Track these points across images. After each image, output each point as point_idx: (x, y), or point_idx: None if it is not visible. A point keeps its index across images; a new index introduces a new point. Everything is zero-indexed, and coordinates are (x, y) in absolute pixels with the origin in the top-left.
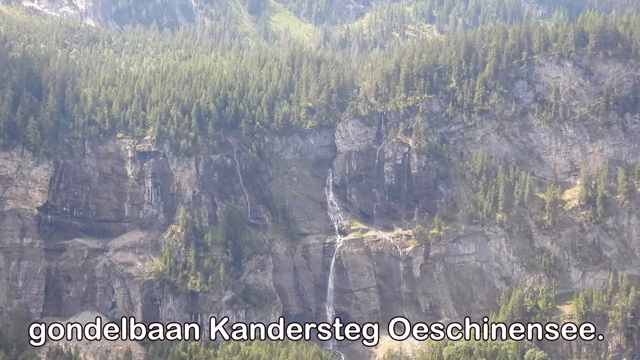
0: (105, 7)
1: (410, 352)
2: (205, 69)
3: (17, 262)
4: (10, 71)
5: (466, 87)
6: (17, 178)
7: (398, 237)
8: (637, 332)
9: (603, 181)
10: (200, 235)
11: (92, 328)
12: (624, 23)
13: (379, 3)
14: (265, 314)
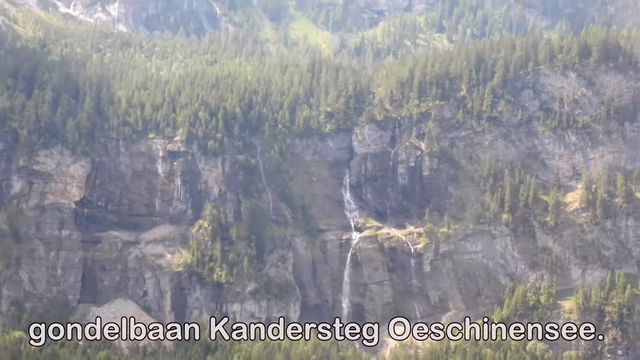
0: (136, 13)
1: (420, 342)
2: (230, 74)
3: (56, 252)
4: (50, 74)
5: (476, 95)
6: (57, 174)
7: (410, 234)
8: (631, 327)
9: (603, 185)
10: (226, 230)
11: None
12: (624, 37)
13: (392, 13)
14: (285, 304)
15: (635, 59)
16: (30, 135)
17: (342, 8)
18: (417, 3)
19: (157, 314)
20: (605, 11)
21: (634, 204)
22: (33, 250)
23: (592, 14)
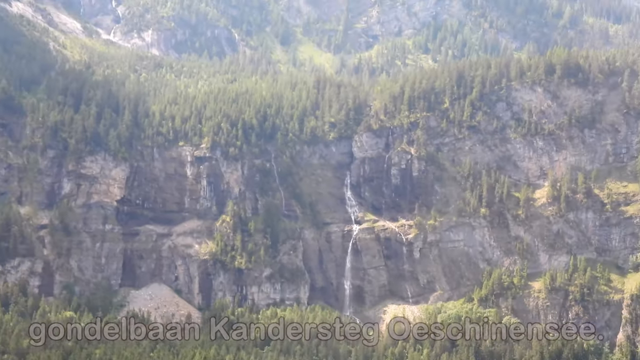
0: (167, 39)
1: (412, 318)
2: (248, 90)
3: (100, 244)
4: (94, 92)
5: (457, 107)
6: (100, 177)
7: (402, 226)
8: (591, 304)
9: (566, 183)
10: (245, 223)
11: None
12: (583, 57)
13: (385, 37)
14: (296, 286)
15: (592, 75)
16: (78, 144)
17: (342, 33)
18: (405, 29)
19: (187, 296)
20: (566, 34)
21: (592, 199)
22: (81, 242)
23: (555, 37)
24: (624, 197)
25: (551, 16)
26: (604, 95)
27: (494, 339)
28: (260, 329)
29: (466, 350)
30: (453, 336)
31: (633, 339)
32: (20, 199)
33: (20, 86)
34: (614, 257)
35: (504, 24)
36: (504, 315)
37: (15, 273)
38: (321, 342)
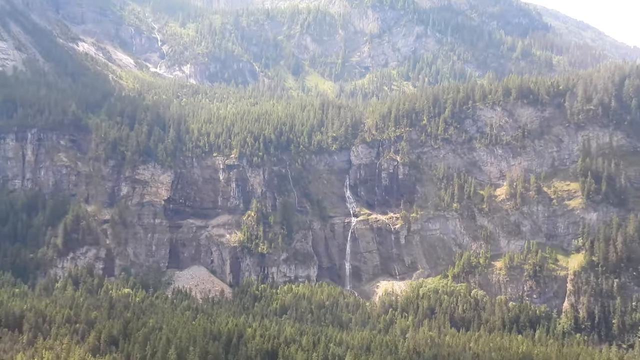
0: (202, 71)
1: (399, 291)
2: (267, 112)
3: (151, 234)
4: (145, 114)
5: (433, 123)
6: (151, 182)
7: (390, 218)
8: (542, 279)
9: (520, 183)
10: (266, 217)
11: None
12: (533, 82)
13: (375, 68)
14: (307, 267)
15: (540, 97)
16: (133, 155)
17: (340, 65)
18: (391, 61)
19: (221, 275)
20: (519, 64)
21: (542, 195)
22: (136, 233)
23: (510, 66)
24: (567, 193)
25: (506, 50)
26: (550, 113)
27: (465, 307)
28: (279, 301)
29: (442, 316)
30: (432, 305)
31: (575, 306)
32: (87, 200)
33: (86, 109)
34: (559, 242)
35: (469, 57)
36: (473, 288)
37: (83, 258)
38: (327, 311)
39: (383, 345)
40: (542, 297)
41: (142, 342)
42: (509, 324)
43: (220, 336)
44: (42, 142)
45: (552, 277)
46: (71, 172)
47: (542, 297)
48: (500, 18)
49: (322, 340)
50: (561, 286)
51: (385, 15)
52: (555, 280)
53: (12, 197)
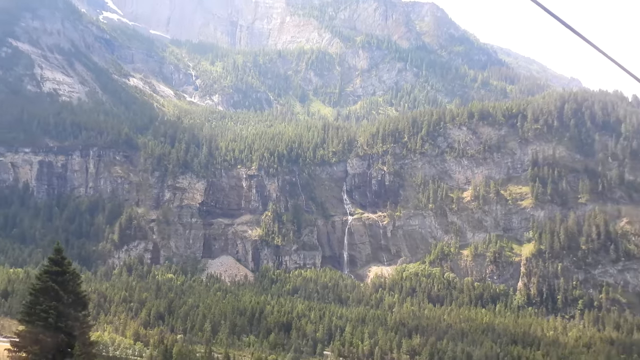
0: (228, 100)
1: (387, 274)
2: (280, 132)
3: (189, 231)
4: (183, 134)
5: (412, 141)
6: (188, 188)
7: (379, 216)
8: (501, 264)
9: (483, 187)
10: (280, 216)
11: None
12: (491, 107)
13: (365, 96)
14: (313, 256)
15: (498, 118)
16: (174, 167)
17: (338, 94)
18: (378, 91)
19: (244, 263)
20: (480, 92)
21: (499, 197)
22: (176, 229)
23: (472, 94)
24: (519, 195)
25: (469, 81)
26: (505, 131)
27: (439, 287)
28: (291, 283)
29: (422, 294)
30: (413, 286)
31: (527, 285)
32: (138, 203)
33: (136, 131)
34: (514, 234)
35: (440, 87)
36: (445, 272)
37: (135, 250)
38: (330, 291)
39: (375, 318)
40: (501, 278)
41: (183, 317)
42: (475, 300)
43: (245, 311)
44: (101, 158)
45: (508, 262)
46: (125, 182)
47: (501, 278)
48: (464, 55)
49: (327, 314)
50: (516, 269)
51: (373, 54)
52: (511, 264)
53: (78, 201)
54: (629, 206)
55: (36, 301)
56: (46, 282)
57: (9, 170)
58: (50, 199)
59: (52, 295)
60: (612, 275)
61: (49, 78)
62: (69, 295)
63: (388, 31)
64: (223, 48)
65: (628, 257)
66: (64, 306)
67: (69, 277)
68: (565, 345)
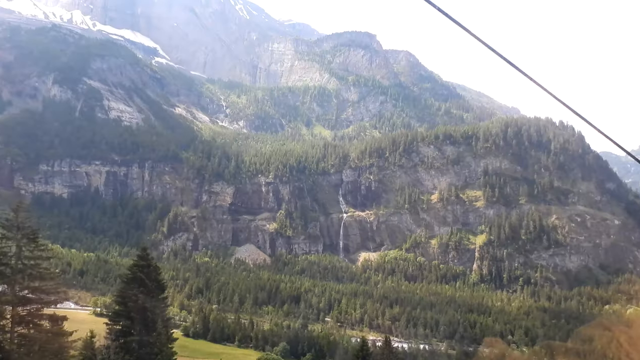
0: (250, 124)
1: (373, 259)
2: (290, 149)
3: (221, 225)
4: (217, 151)
5: (392, 156)
6: (221, 192)
7: (367, 214)
8: (460, 250)
9: (446, 192)
10: (291, 214)
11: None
12: (453, 130)
13: (355, 122)
14: (316, 244)
15: (458, 139)
16: (210, 176)
17: (334, 120)
18: (365, 117)
19: (264, 250)
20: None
21: (459, 199)
22: (212, 224)
23: (437, 120)
24: (474, 197)
25: (435, 110)
26: (464, 149)
27: (413, 268)
28: (299, 265)
29: (399, 274)
30: (393, 267)
31: (481, 267)
32: (182, 204)
33: (180, 148)
34: (471, 227)
35: (413, 114)
36: (417, 257)
37: (180, 240)
38: (329, 271)
39: (364, 292)
40: (460, 261)
41: (217, 291)
42: (440, 278)
43: (264, 287)
44: (154, 169)
45: (466, 249)
46: (172, 187)
47: (460, 261)
48: (431, 90)
49: (327, 289)
50: (472, 254)
51: (361, 89)
52: (468, 251)
53: (136, 202)
54: (557, 206)
55: (128, 287)
56: (135, 273)
57: (83, 178)
58: (115, 200)
59: (139, 283)
60: (545, 259)
61: (114, 108)
62: (152, 283)
63: (373, 72)
64: (246, 85)
65: (557, 245)
66: (148, 291)
67: (152, 269)
68: (510, 313)
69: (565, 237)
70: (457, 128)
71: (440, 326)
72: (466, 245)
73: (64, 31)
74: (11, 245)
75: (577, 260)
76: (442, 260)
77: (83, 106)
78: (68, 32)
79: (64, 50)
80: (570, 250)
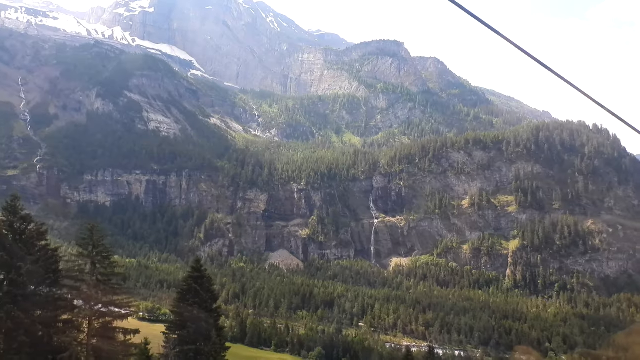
0: (282, 133)
1: (404, 264)
2: (322, 157)
3: (255, 231)
4: (250, 159)
5: (422, 162)
6: (255, 199)
7: (398, 219)
8: (493, 256)
9: (477, 197)
10: (323, 220)
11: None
12: (482, 135)
13: (384, 128)
14: (347, 250)
15: (488, 144)
16: (244, 184)
17: (364, 128)
18: (394, 124)
19: (296, 255)
20: (472, 124)
21: (490, 204)
22: (246, 230)
23: (466, 126)
24: (506, 202)
25: (464, 116)
26: (494, 154)
27: (445, 274)
28: (331, 270)
29: (431, 279)
30: (425, 272)
31: (514, 272)
32: (218, 211)
33: (215, 157)
34: (503, 232)
35: (441, 120)
36: (449, 262)
37: (216, 246)
38: (361, 276)
39: (397, 297)
40: (492, 266)
41: (253, 296)
42: (473, 284)
43: (299, 292)
44: (191, 177)
45: (498, 254)
46: (208, 195)
47: (492, 266)
48: (459, 97)
49: (360, 294)
50: (504, 260)
51: (390, 97)
52: (501, 256)
53: (174, 210)
54: (592, 211)
55: (183, 298)
56: (190, 285)
57: (125, 186)
58: (155, 207)
59: (194, 294)
60: (581, 265)
61: (153, 119)
62: (205, 293)
63: (401, 80)
64: (278, 95)
65: (593, 250)
66: (202, 301)
67: (205, 280)
68: (546, 319)
69: (602, 242)
70: (487, 133)
71: (474, 332)
72: (499, 250)
73: (105, 47)
74: (87, 263)
75: (616, 266)
76: (474, 266)
77: (124, 118)
78: (110, 47)
79: (106, 65)
80: (608, 256)
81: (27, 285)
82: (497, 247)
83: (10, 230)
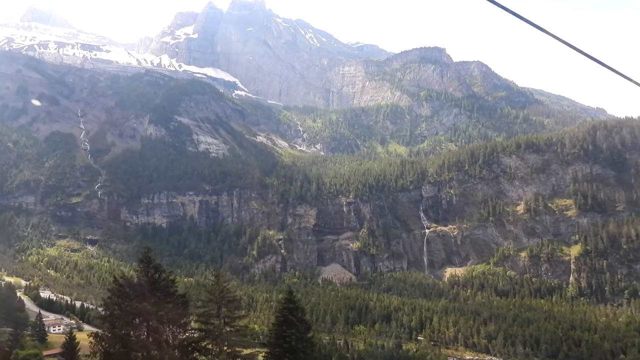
0: (327, 147)
1: (459, 274)
2: (368, 168)
3: (306, 246)
4: (298, 174)
5: (472, 169)
6: (304, 214)
7: (450, 228)
8: (554, 263)
9: (532, 202)
10: (373, 232)
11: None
12: (535, 138)
13: (430, 136)
14: (400, 261)
15: (541, 146)
16: (293, 200)
17: (409, 136)
18: (440, 132)
19: (348, 269)
20: (522, 127)
21: (547, 209)
22: (297, 246)
23: (516, 129)
24: (564, 207)
25: (512, 118)
26: (549, 156)
27: (503, 283)
28: (385, 283)
29: (489, 289)
30: (481, 282)
31: (578, 279)
32: (269, 227)
33: (264, 174)
34: (563, 238)
35: (489, 125)
36: (507, 270)
37: (269, 262)
38: (416, 288)
39: (455, 309)
40: (554, 274)
41: (309, 312)
42: (534, 293)
43: (354, 307)
44: (242, 196)
45: (560, 261)
46: (259, 212)
47: (554, 274)
48: (506, 99)
49: (417, 307)
50: (567, 267)
51: (433, 104)
52: (562, 262)
53: (227, 228)
54: None
55: (280, 329)
56: (286, 316)
57: (179, 208)
58: (208, 227)
59: (290, 325)
60: None
61: (203, 141)
62: (300, 324)
63: (444, 86)
64: (320, 109)
65: None
66: (298, 332)
67: (299, 311)
68: (618, 329)
69: None
70: (539, 135)
71: (541, 344)
72: (559, 256)
73: (155, 75)
74: (214, 307)
75: None
76: (534, 274)
77: (175, 142)
78: (159, 75)
79: (156, 92)
80: None
81: (164, 331)
82: (557, 254)
83: (147, 279)
